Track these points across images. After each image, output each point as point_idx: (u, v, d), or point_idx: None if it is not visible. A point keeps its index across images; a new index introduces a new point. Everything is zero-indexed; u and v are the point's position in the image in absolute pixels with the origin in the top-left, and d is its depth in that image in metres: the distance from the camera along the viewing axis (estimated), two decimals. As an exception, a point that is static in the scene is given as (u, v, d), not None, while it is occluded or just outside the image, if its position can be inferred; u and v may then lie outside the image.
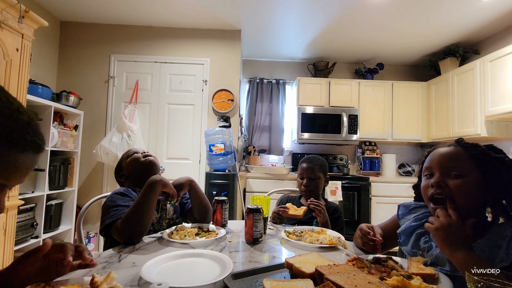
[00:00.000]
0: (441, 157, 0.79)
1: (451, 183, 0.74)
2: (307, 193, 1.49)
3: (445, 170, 0.76)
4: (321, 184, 1.51)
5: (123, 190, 1.17)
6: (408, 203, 0.96)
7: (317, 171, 1.49)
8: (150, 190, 1.02)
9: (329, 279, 0.60)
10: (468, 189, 0.73)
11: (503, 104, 2.55)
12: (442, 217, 0.70)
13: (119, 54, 3.09)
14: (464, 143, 0.80)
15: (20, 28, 1.71)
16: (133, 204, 1.00)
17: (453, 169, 0.75)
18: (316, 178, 1.48)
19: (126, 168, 1.29)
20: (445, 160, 0.77)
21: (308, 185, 1.48)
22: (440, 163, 0.78)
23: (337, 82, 3.58)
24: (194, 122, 3.09)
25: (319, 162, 1.53)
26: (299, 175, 1.54)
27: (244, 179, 3.17)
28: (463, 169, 0.74)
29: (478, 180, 0.73)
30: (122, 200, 1.09)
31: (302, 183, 1.50)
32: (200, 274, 0.73)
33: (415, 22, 2.84)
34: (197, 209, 1.25)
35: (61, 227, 2.61)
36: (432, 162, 0.81)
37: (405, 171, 3.74)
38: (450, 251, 0.67)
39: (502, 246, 0.65)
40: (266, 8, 2.69)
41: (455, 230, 0.67)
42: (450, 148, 0.79)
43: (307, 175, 1.49)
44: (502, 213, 0.74)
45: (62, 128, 2.56)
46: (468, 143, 0.79)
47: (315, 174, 1.48)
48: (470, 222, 0.70)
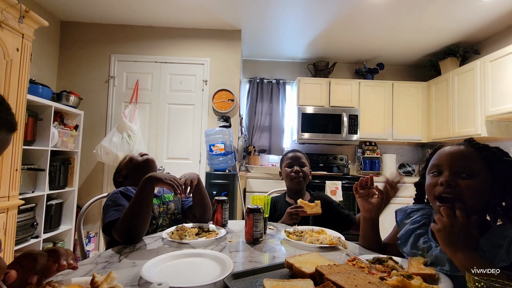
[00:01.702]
0: (452, 156, 0.77)
1: (461, 183, 0.73)
2: (298, 179, 1.44)
3: (456, 169, 0.75)
4: (308, 173, 1.48)
5: (123, 189, 1.18)
6: (404, 208, 0.95)
7: (304, 160, 1.49)
8: (144, 188, 1.02)
9: (329, 279, 0.60)
10: (477, 190, 0.72)
11: (503, 104, 2.55)
12: (446, 217, 0.69)
13: (119, 54, 3.09)
14: (475, 143, 0.78)
15: (20, 28, 1.71)
16: (130, 204, 1.01)
17: (465, 169, 0.74)
18: (305, 166, 1.48)
19: (124, 168, 1.33)
20: (457, 159, 0.76)
21: (298, 172, 1.44)
22: (451, 162, 0.76)
23: (337, 82, 3.58)
24: (194, 122, 3.09)
25: (303, 154, 1.53)
26: (286, 164, 1.50)
27: (244, 179, 3.17)
28: (474, 169, 0.73)
29: (487, 182, 0.73)
30: (122, 199, 1.10)
31: (292, 171, 1.45)
32: (200, 274, 0.73)
33: (415, 22, 2.84)
34: (198, 206, 1.25)
35: (61, 227, 2.61)
36: (441, 159, 0.79)
37: (405, 171, 3.74)
38: (451, 252, 0.66)
39: (503, 246, 0.65)
40: (266, 8, 2.69)
41: (458, 231, 0.67)
42: (461, 147, 0.78)
43: (296, 162, 1.47)
44: (502, 215, 0.74)
45: (63, 128, 2.57)
46: (480, 144, 0.78)
47: (303, 162, 1.48)
48: (474, 220, 0.69)
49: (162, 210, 1.23)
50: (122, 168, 1.34)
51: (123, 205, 1.07)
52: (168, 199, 1.29)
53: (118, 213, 1.02)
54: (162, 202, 1.25)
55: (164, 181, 1.04)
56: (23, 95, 1.77)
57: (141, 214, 0.99)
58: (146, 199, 1.01)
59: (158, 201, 1.23)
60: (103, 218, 1.04)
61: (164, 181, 1.04)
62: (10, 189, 1.70)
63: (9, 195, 1.69)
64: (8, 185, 1.69)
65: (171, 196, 1.31)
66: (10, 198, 1.70)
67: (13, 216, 1.73)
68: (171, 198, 1.31)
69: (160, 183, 1.04)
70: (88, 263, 0.79)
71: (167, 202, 1.27)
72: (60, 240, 2.66)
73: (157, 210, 1.21)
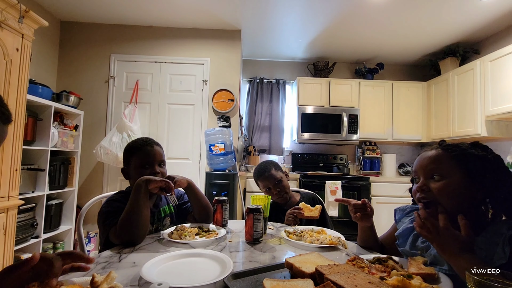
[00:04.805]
0: (423, 161, 0.80)
1: (433, 186, 0.75)
2: (282, 198, 1.49)
3: (427, 174, 0.77)
4: (286, 182, 1.51)
5: (115, 195, 1.16)
6: (404, 207, 0.97)
7: (276, 174, 1.48)
8: (136, 192, 1.01)
9: (329, 279, 0.60)
10: (451, 191, 0.73)
11: (503, 104, 2.55)
12: (425, 220, 0.71)
13: (119, 54, 3.09)
14: (445, 145, 0.80)
15: (20, 28, 1.71)
16: (126, 208, 1.00)
17: (434, 172, 0.76)
18: (280, 180, 1.48)
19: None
20: (427, 164, 0.78)
21: (278, 191, 1.47)
22: (422, 167, 0.79)
23: (337, 82, 3.58)
24: (194, 122, 3.09)
25: (271, 165, 1.51)
26: (263, 189, 1.51)
27: (244, 179, 3.17)
28: (443, 171, 0.75)
29: (463, 181, 0.73)
30: (111, 206, 1.07)
31: (273, 194, 1.48)
32: (200, 274, 0.73)
33: (415, 22, 2.84)
34: (197, 210, 1.24)
35: (61, 227, 2.61)
36: (416, 166, 0.82)
37: (405, 171, 3.74)
38: (448, 258, 0.67)
39: (499, 244, 0.65)
40: (266, 8, 2.69)
41: (447, 236, 0.67)
42: (432, 151, 0.80)
43: (272, 184, 1.47)
44: (493, 211, 0.74)
45: (62, 128, 2.56)
46: (449, 144, 0.79)
47: (277, 178, 1.47)
48: (463, 224, 0.68)
49: (155, 228, 1.18)
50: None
51: (115, 212, 1.04)
52: (164, 214, 1.23)
53: (110, 222, 1.01)
54: (157, 218, 1.20)
55: (154, 182, 1.03)
56: (23, 95, 1.77)
57: (136, 217, 0.98)
58: (140, 201, 1.00)
59: (152, 219, 1.16)
60: (102, 232, 1.03)
61: (154, 182, 1.03)
62: (10, 189, 1.70)
63: (9, 195, 1.69)
64: (8, 185, 1.69)
65: (167, 209, 1.26)
66: (10, 198, 1.70)
67: (13, 216, 1.73)
68: (168, 211, 1.26)
69: (152, 183, 1.03)
70: (88, 263, 0.79)
71: (162, 218, 1.22)
72: (60, 240, 2.66)
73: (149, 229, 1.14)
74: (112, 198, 1.14)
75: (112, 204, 1.09)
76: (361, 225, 1.00)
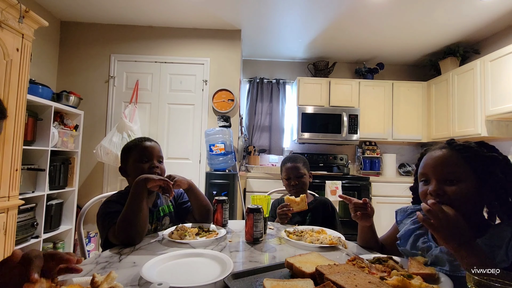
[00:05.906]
0: (435, 162, 0.76)
1: (448, 190, 0.72)
2: (296, 193, 1.49)
3: (441, 177, 0.74)
4: (307, 181, 1.52)
5: (113, 196, 1.16)
6: (405, 208, 0.96)
7: (302, 169, 1.50)
8: (135, 191, 1.01)
9: (329, 278, 0.60)
10: (466, 194, 0.71)
11: (503, 104, 2.54)
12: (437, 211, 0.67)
13: (119, 54, 3.09)
14: (455, 144, 0.77)
15: (20, 28, 1.71)
16: (124, 208, 1.00)
17: (450, 175, 0.73)
18: (302, 176, 1.49)
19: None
20: (440, 166, 0.75)
21: (296, 184, 1.48)
22: (435, 169, 0.76)
23: (337, 82, 3.58)
24: (194, 122, 3.09)
25: (301, 160, 1.53)
26: (284, 176, 1.53)
27: (244, 179, 3.17)
28: (459, 174, 0.72)
29: (475, 183, 0.71)
30: (110, 207, 1.07)
31: (289, 184, 1.50)
32: (200, 274, 0.73)
33: (415, 21, 2.84)
34: (197, 210, 1.24)
35: (61, 227, 2.61)
36: (426, 167, 0.79)
37: (405, 171, 3.74)
38: (453, 248, 0.65)
39: (501, 247, 0.64)
40: (266, 8, 2.69)
41: (454, 224, 0.66)
42: (443, 151, 0.77)
43: (293, 174, 1.49)
44: (498, 213, 0.73)
45: (63, 128, 2.56)
46: (460, 145, 0.77)
47: (300, 172, 1.49)
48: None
49: (154, 227, 1.18)
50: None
51: (113, 212, 1.03)
52: (163, 213, 1.23)
53: (109, 222, 1.01)
54: (156, 218, 1.20)
55: (153, 181, 1.03)
56: (23, 95, 1.77)
57: (135, 217, 0.98)
58: (138, 201, 1.00)
59: (150, 218, 1.15)
60: (101, 233, 1.03)
61: (153, 181, 1.03)
62: (10, 189, 1.70)
63: (9, 195, 1.69)
64: (8, 185, 1.69)
65: (166, 209, 1.25)
66: (10, 198, 1.70)
67: (13, 216, 1.73)
68: (167, 210, 1.25)
69: (151, 182, 1.03)
70: (88, 263, 0.79)
71: (161, 217, 1.21)
72: (60, 240, 2.66)
73: (148, 228, 1.14)
74: (110, 198, 1.14)
75: (110, 204, 1.09)
76: (361, 224, 1.00)
